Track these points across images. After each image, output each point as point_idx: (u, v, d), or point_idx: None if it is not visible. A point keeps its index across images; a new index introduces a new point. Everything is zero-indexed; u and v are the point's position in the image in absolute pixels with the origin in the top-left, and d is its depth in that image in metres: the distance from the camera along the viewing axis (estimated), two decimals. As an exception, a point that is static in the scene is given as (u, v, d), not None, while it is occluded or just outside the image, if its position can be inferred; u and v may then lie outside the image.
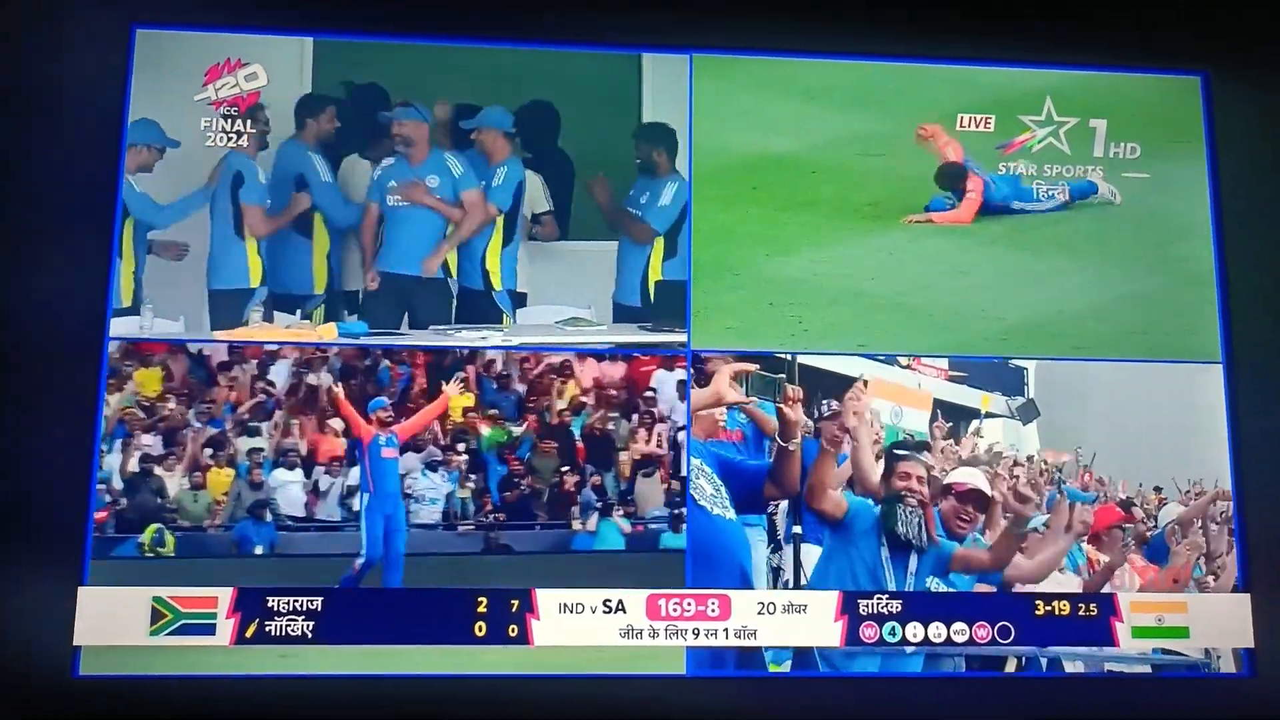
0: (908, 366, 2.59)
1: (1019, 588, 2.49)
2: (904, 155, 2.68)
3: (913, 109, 2.69)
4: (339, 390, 2.50)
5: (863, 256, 2.63)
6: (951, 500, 2.50)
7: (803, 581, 2.44)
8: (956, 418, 2.64)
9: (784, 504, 2.46)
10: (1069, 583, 2.52)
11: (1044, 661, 2.47)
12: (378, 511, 2.46)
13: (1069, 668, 2.48)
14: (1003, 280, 2.65)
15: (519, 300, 2.64)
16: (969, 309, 2.62)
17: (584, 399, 2.58)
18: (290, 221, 2.60)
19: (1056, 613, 2.47)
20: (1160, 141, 2.70)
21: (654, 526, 2.50)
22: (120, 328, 2.42)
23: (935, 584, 2.46)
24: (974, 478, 2.52)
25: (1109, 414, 2.63)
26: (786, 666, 2.41)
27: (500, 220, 2.66)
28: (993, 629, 2.45)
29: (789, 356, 2.53)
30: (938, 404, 2.62)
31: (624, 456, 2.56)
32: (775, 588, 2.43)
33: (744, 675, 2.39)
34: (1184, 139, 2.71)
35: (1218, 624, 2.50)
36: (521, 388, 2.58)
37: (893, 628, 2.42)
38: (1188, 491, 2.60)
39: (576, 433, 2.57)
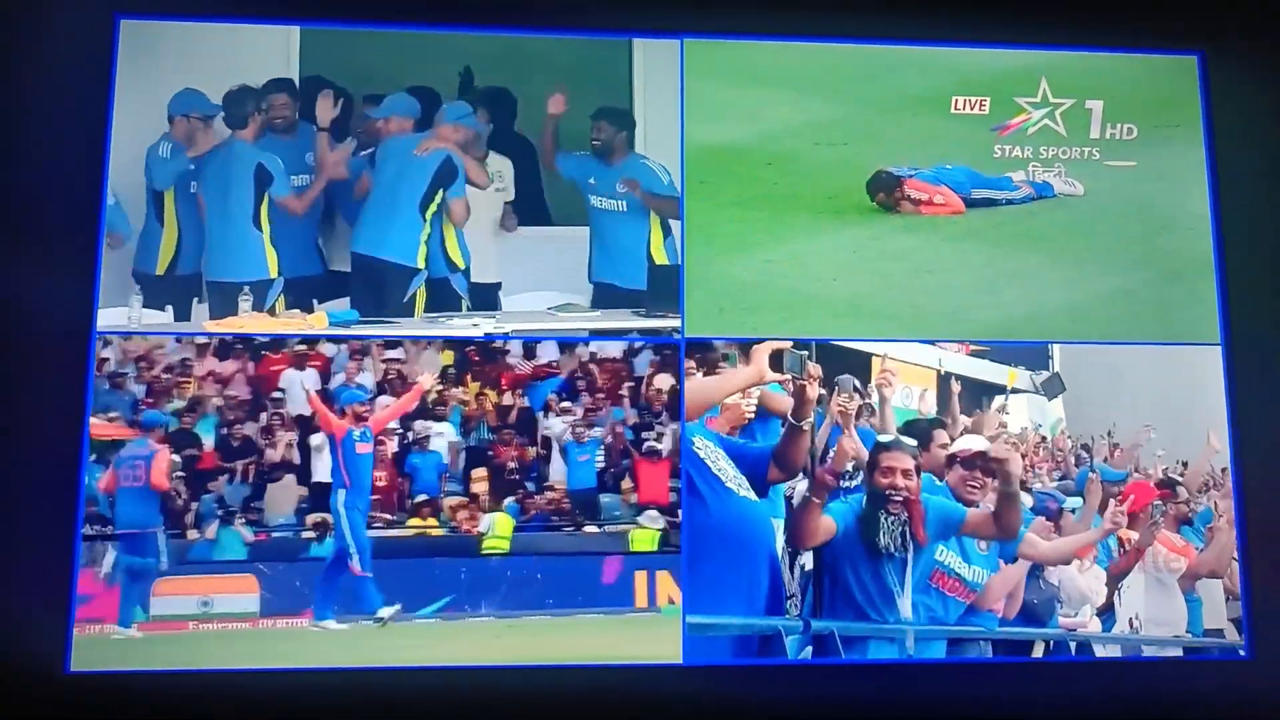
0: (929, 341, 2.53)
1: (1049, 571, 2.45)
2: (866, 144, 2.59)
3: (879, 93, 2.61)
4: (311, 388, 2.43)
5: (823, 255, 2.50)
6: (958, 469, 2.42)
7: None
8: (979, 394, 2.56)
9: (800, 485, 2.35)
10: (1097, 575, 2.46)
11: (1072, 645, 2.43)
12: (354, 507, 2.40)
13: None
14: (974, 277, 2.55)
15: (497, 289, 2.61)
16: (936, 309, 2.50)
17: (214, 400, 2.43)
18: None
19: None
20: (1157, 122, 2.66)
21: (279, 535, 2.39)
22: (108, 319, 2.35)
23: (945, 553, 2.36)
24: (974, 442, 2.43)
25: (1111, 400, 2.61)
26: (808, 653, 2.32)
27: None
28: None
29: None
30: (961, 380, 2.54)
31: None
32: (793, 574, 2.35)
33: (740, 664, 2.32)
34: (1180, 119, 2.66)
35: (1216, 603, 2.49)
36: (139, 388, 2.42)
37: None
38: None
39: (206, 435, 2.41)
